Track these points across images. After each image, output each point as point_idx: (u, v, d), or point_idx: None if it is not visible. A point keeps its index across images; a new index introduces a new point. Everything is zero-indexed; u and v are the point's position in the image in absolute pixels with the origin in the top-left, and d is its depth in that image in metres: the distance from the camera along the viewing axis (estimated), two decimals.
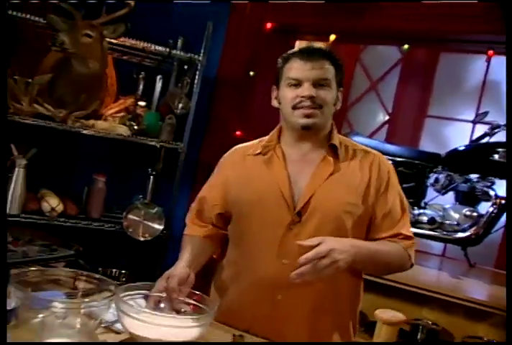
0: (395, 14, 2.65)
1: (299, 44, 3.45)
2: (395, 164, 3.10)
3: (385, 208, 1.49)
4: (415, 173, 3.15)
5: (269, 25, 2.97)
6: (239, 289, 1.52)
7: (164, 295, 1.34)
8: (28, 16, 2.44)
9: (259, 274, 1.46)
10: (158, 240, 2.67)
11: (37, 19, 2.44)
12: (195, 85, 2.69)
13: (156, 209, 2.65)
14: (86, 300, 1.29)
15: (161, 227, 2.63)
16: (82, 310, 1.24)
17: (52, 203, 2.49)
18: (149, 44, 2.61)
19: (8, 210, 2.39)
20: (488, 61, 3.21)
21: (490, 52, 2.70)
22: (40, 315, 1.21)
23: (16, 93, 2.40)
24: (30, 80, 2.46)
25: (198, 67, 2.69)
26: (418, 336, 2.78)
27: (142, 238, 2.60)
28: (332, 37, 2.77)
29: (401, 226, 1.50)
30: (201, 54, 2.69)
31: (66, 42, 2.23)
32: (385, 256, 1.45)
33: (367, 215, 1.48)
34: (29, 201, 2.48)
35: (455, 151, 3.10)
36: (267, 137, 1.58)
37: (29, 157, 2.44)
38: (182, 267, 1.42)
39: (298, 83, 1.44)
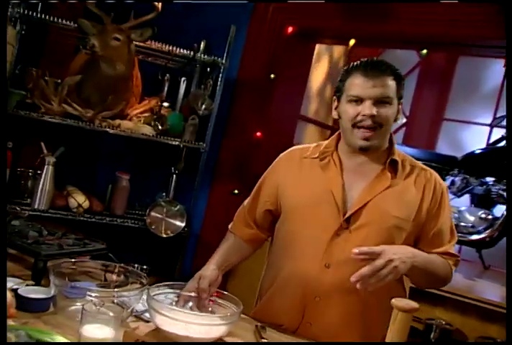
0: (414, 18, 2.69)
1: (319, 48, 3.52)
2: None
3: (435, 227, 1.50)
4: None
5: (290, 29, 3.03)
6: (280, 288, 1.55)
7: (193, 294, 1.41)
8: (58, 19, 2.53)
9: (300, 275, 1.49)
10: (179, 237, 2.75)
11: (67, 22, 2.53)
12: (217, 87, 2.77)
13: (178, 207, 2.73)
14: (119, 290, 1.37)
15: (183, 224, 2.71)
16: (115, 300, 1.33)
17: (79, 199, 2.59)
18: (174, 48, 2.69)
19: (37, 206, 2.50)
20: (506, 66, 3.24)
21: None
22: (78, 304, 1.30)
23: (47, 93, 2.50)
24: (60, 81, 2.56)
25: (221, 70, 2.77)
26: (432, 336, 2.82)
27: (164, 235, 2.68)
28: (352, 42, 2.82)
29: (450, 246, 1.53)
30: (224, 57, 2.76)
31: (96, 45, 2.32)
32: (435, 267, 1.47)
33: (416, 232, 1.50)
34: (56, 198, 2.58)
35: (471, 154, 3.13)
36: (325, 142, 1.60)
37: (58, 155, 2.53)
38: (212, 269, 1.49)
39: (359, 100, 1.43)
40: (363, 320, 1.48)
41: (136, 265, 2.86)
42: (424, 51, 2.67)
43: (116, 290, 1.39)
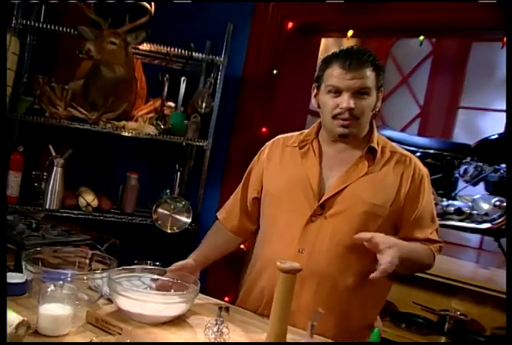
0: (418, 4, 2.66)
1: (326, 42, 3.52)
2: (423, 156, 3.11)
3: (415, 213, 1.51)
4: (443, 164, 3.14)
5: (290, 24, 3.06)
6: (257, 273, 1.61)
7: (155, 276, 1.48)
8: (63, 29, 2.66)
9: (275, 259, 1.51)
10: (187, 233, 2.82)
11: (72, 31, 2.66)
12: (217, 85, 2.82)
13: (183, 203, 2.80)
14: (87, 273, 1.45)
15: (189, 220, 2.78)
16: (89, 283, 1.41)
17: (87, 198, 2.71)
18: (172, 48, 2.77)
19: (48, 206, 2.63)
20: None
21: None
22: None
23: (52, 98, 2.62)
24: (66, 87, 2.68)
25: (220, 68, 2.83)
26: (446, 326, 2.78)
27: (169, 231, 2.75)
28: (350, 33, 2.82)
29: (430, 232, 1.54)
30: (222, 55, 2.82)
31: (92, 50, 2.43)
32: (418, 256, 1.48)
33: (394, 218, 1.51)
34: (67, 198, 2.70)
35: (484, 141, 3.07)
36: (307, 131, 1.64)
37: (66, 157, 2.65)
38: (188, 261, 1.55)
39: (337, 91, 1.45)
40: (338, 305, 1.50)
41: (149, 262, 2.95)
42: (421, 37, 2.63)
43: (87, 272, 1.47)
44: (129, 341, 1.08)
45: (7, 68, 2.46)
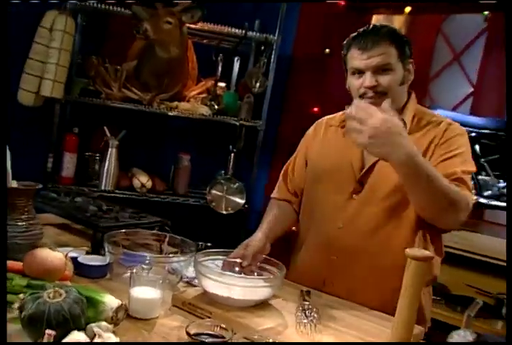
0: None
1: (376, 19, 3.43)
2: (478, 136, 3.03)
3: (439, 159, 1.45)
4: (498, 145, 3.05)
5: (342, 2, 2.98)
6: (305, 252, 1.64)
7: (238, 260, 1.45)
8: (113, 7, 2.64)
9: (319, 236, 1.58)
10: (240, 214, 2.82)
11: (123, 9, 2.63)
12: (271, 64, 2.78)
13: (237, 184, 2.79)
14: (169, 256, 1.44)
15: (243, 201, 2.77)
16: (166, 267, 1.40)
17: (142, 179, 2.71)
18: (225, 27, 2.73)
19: (103, 187, 2.65)
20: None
21: None
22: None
23: (107, 79, 2.62)
24: (119, 67, 2.67)
25: (274, 47, 2.77)
26: (503, 310, 2.73)
27: (224, 212, 2.75)
28: (407, 9, 2.74)
29: (460, 171, 1.41)
30: (276, 34, 2.76)
31: (149, 30, 2.40)
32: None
33: None
34: (121, 179, 2.71)
35: None
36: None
37: (120, 138, 2.66)
38: (259, 239, 1.53)
39: (359, 71, 1.47)
40: (380, 281, 1.49)
41: (200, 243, 2.97)
42: (485, 12, 2.53)
43: (167, 256, 1.47)
44: (223, 325, 1.07)
45: (63, 49, 2.46)
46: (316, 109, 3.04)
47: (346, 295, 1.48)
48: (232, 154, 2.87)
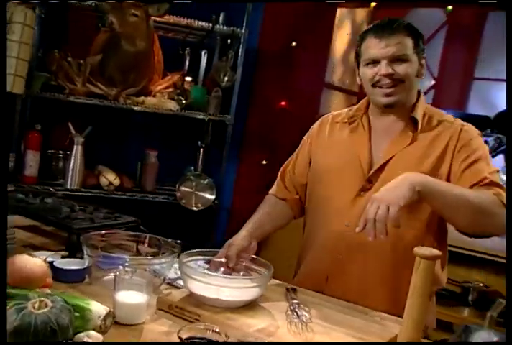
0: None
1: (340, 12, 3.44)
2: None
3: (466, 161, 1.42)
4: None
5: None
6: (312, 250, 1.60)
7: (224, 260, 1.41)
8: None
9: (326, 234, 1.54)
10: (210, 210, 2.78)
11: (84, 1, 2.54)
12: (239, 58, 2.74)
13: (207, 180, 2.75)
14: (151, 258, 1.40)
15: (213, 197, 2.74)
16: (147, 269, 1.36)
17: (109, 177, 2.64)
18: (192, 21, 2.67)
19: (69, 186, 2.56)
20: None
21: None
22: (111, 274, 1.33)
23: (70, 74, 2.53)
24: (83, 62, 2.57)
25: (241, 41, 2.74)
26: (470, 298, 2.81)
27: (195, 208, 2.71)
28: (373, 4, 2.75)
29: (488, 173, 1.39)
30: (243, 28, 2.73)
31: (115, 22, 2.33)
32: (460, 192, 1.32)
33: (445, 177, 1.44)
34: (87, 177, 2.63)
35: (504, 113, 3.05)
36: (356, 106, 1.62)
37: (86, 134, 2.57)
38: (242, 237, 1.48)
39: (375, 61, 1.44)
40: (387, 279, 1.48)
41: (170, 240, 2.92)
42: (449, 7, 2.57)
43: (147, 257, 1.43)
44: (215, 328, 1.04)
45: (23, 42, 2.35)
46: (283, 103, 3.03)
47: (348, 295, 1.45)
48: (201, 150, 2.82)
